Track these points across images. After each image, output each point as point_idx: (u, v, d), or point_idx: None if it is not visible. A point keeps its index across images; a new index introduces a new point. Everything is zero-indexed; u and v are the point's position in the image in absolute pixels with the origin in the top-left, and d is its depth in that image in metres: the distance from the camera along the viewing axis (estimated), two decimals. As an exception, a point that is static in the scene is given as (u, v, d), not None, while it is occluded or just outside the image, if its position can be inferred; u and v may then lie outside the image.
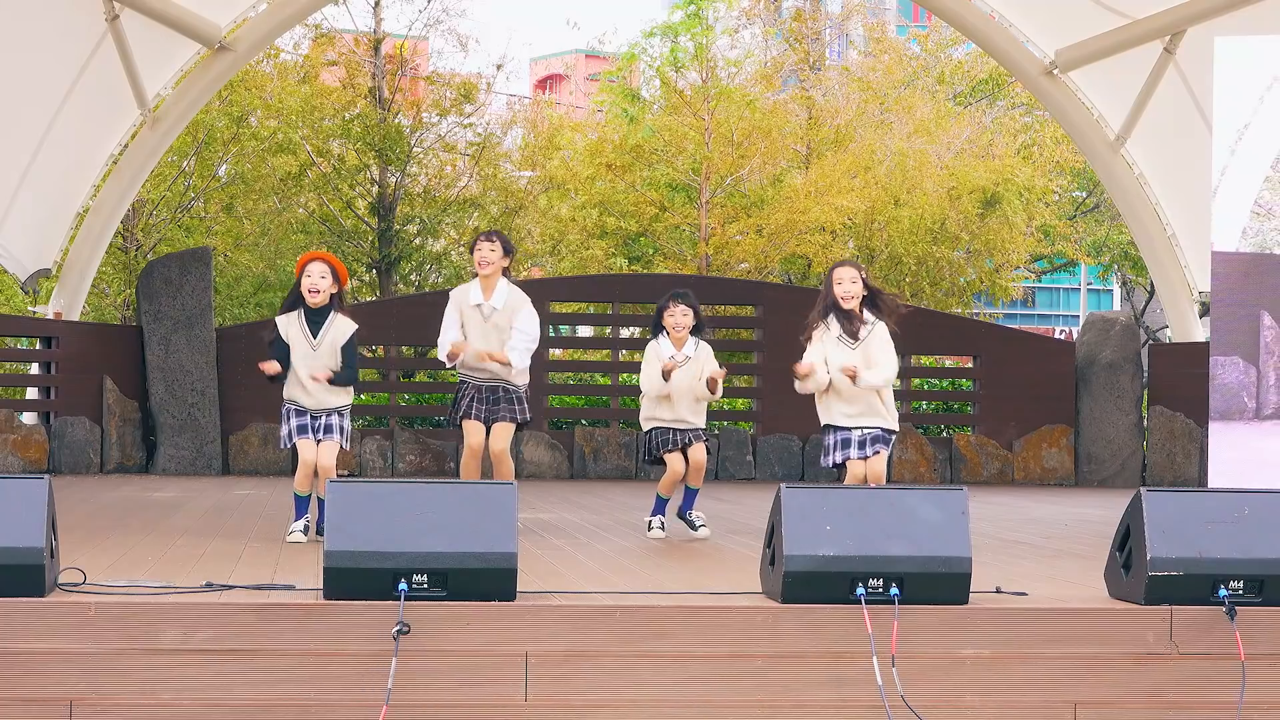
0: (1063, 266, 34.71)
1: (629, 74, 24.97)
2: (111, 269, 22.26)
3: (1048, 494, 15.59)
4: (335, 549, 6.06)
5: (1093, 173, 24.37)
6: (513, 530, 6.20)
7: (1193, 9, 15.45)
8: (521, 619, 6.10)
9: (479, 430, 9.34)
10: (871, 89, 26.37)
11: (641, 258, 24.12)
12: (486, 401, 9.36)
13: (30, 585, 5.96)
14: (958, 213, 24.62)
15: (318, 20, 23.94)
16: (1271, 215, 11.21)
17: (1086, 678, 6.27)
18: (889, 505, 6.38)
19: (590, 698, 6.08)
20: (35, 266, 16.95)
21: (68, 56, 15.73)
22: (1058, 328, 69.47)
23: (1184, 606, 6.34)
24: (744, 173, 23.38)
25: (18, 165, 15.91)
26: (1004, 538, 10.05)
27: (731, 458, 16.86)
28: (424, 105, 24.32)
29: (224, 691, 5.93)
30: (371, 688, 5.95)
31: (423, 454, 16.55)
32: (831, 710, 6.17)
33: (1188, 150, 15.97)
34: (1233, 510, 6.43)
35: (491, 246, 9.25)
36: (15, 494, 6.02)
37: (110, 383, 15.92)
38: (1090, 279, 53.47)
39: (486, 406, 9.36)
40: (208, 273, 16.16)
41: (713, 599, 6.42)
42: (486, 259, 9.21)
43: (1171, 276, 17.44)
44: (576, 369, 19.38)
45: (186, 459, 15.88)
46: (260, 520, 10.32)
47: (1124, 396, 17.21)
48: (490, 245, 9.26)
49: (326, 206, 23.82)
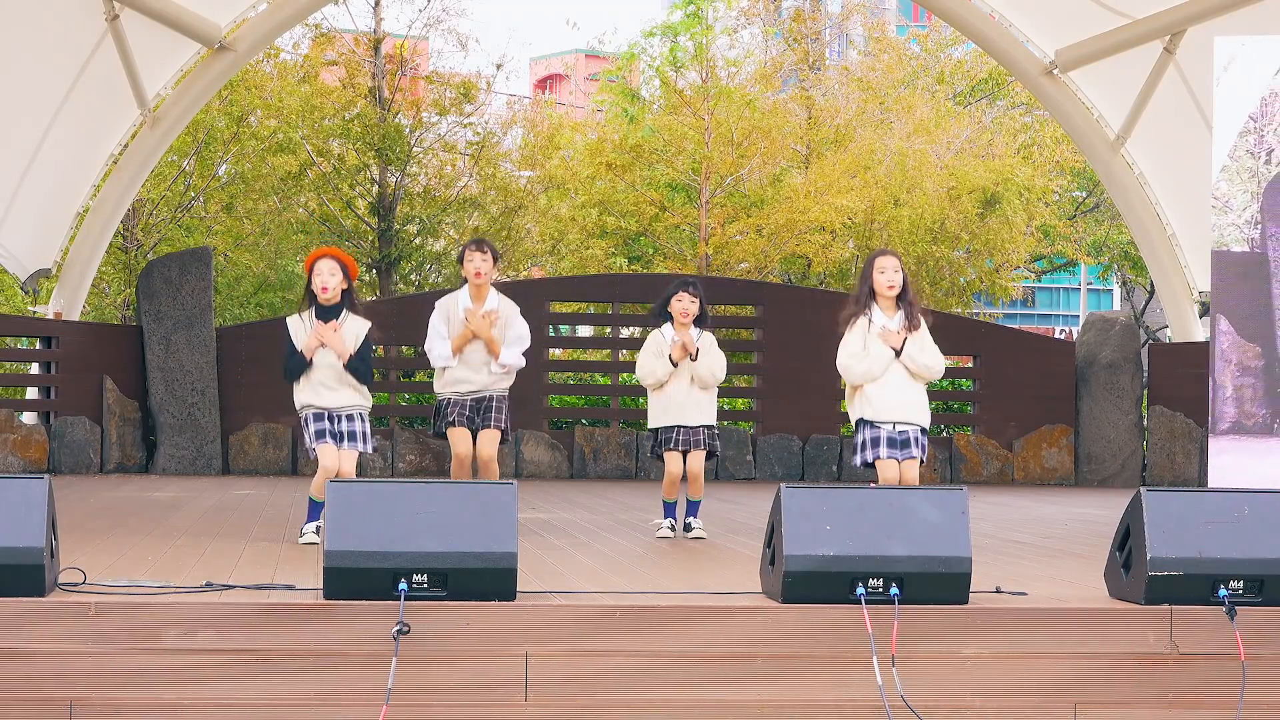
0: (1063, 266, 34.71)
1: (629, 74, 24.97)
2: (111, 269, 22.26)
3: (1048, 494, 15.59)
4: (335, 549, 6.06)
5: (1093, 173, 24.38)
6: (513, 530, 6.20)
7: (1193, 9, 15.45)
8: (521, 619, 6.10)
9: (466, 438, 9.29)
10: (871, 89, 26.37)
11: (641, 258, 24.12)
12: (471, 410, 9.31)
13: (30, 585, 5.96)
14: (957, 212, 24.62)
15: (318, 20, 23.94)
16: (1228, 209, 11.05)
17: (1086, 678, 6.27)
18: (889, 505, 6.38)
19: (590, 698, 6.08)
20: (35, 266, 16.96)
21: (68, 56, 15.73)
22: (1058, 328, 69.48)
23: (1184, 606, 6.34)
24: (744, 172, 23.38)
25: (18, 165, 15.92)
26: (1004, 538, 10.05)
27: (731, 458, 16.85)
28: (424, 105, 24.32)
29: (224, 691, 5.93)
30: (371, 688, 5.95)
31: (423, 454, 16.55)
32: (832, 710, 6.17)
33: (1188, 150, 15.97)
34: (1233, 510, 6.43)
35: (484, 257, 9.25)
36: (15, 494, 6.02)
37: (110, 382, 15.92)
38: (1090, 279, 53.46)
39: (470, 415, 9.30)
40: (208, 273, 16.16)
41: (713, 599, 6.42)
42: (480, 269, 9.22)
43: (1171, 276, 17.44)
44: (576, 369, 19.38)
45: (186, 459, 15.88)
46: (260, 520, 10.33)
47: (1124, 396, 17.22)
48: (482, 256, 9.25)
49: (326, 206, 23.81)
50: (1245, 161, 11.07)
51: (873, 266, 8.65)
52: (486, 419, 9.29)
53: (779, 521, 6.34)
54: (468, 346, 9.23)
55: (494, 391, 9.31)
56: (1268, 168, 11.00)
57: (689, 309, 9.41)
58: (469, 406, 9.29)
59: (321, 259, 8.61)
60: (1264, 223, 10.92)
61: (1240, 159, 10.99)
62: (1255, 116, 11.07)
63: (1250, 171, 10.98)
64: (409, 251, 24.12)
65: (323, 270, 8.55)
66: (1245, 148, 11.13)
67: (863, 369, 8.54)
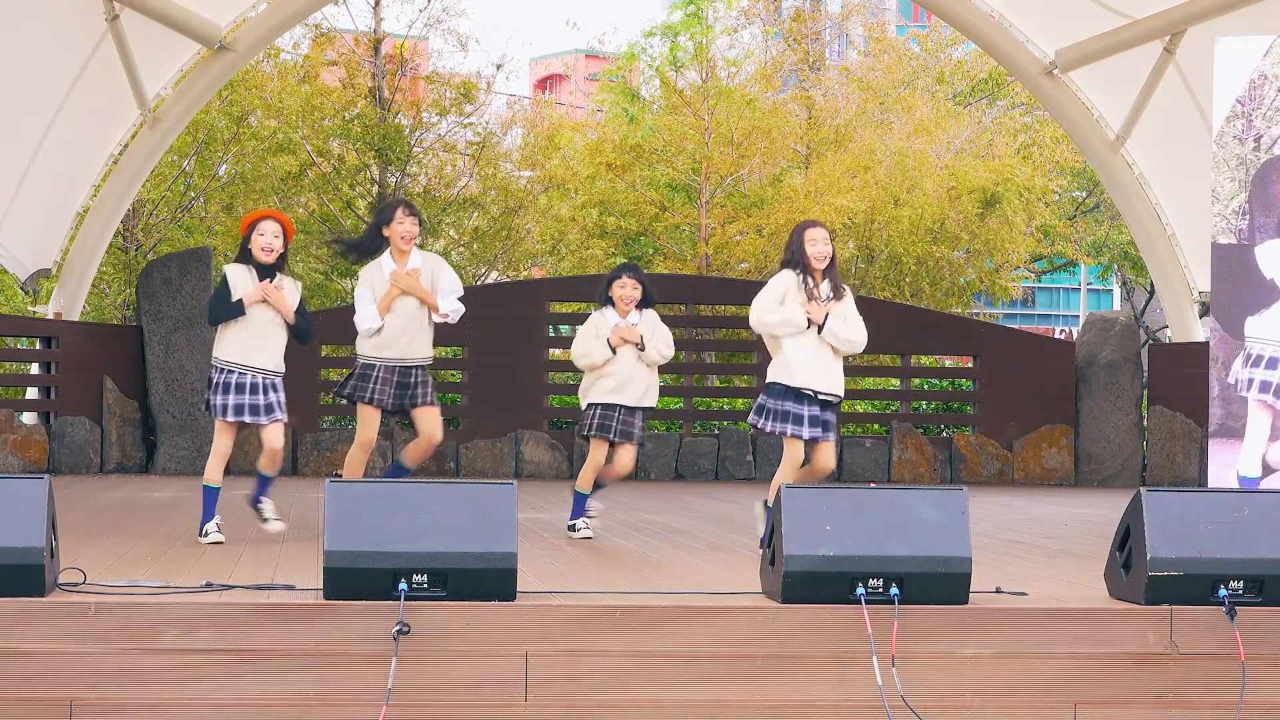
0: (1063, 266, 34.71)
1: (629, 74, 24.98)
2: (111, 269, 22.26)
3: (1048, 494, 15.58)
4: (335, 549, 6.06)
5: (1093, 173, 24.38)
6: (513, 530, 6.20)
7: (1193, 9, 15.45)
8: (521, 619, 6.10)
9: (375, 421, 8.91)
10: (871, 89, 26.38)
11: (641, 258, 24.12)
12: (399, 385, 8.94)
13: (30, 585, 5.96)
14: (957, 212, 24.62)
15: (318, 20, 23.95)
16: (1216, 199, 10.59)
17: (1086, 678, 6.27)
18: (889, 505, 6.38)
19: (590, 698, 6.08)
20: (35, 266, 16.95)
21: (68, 56, 15.72)
22: (1058, 328, 69.45)
23: (1184, 606, 6.34)
24: (744, 172, 23.39)
25: (18, 165, 15.91)
26: (1004, 538, 10.05)
27: (731, 458, 16.85)
28: (424, 105, 24.33)
29: (224, 691, 5.93)
30: (371, 688, 5.95)
31: (423, 454, 16.54)
32: (831, 710, 6.17)
33: (1188, 150, 15.97)
34: (1233, 510, 6.43)
35: (414, 221, 8.99)
36: (15, 494, 6.02)
37: (110, 383, 15.92)
38: (1090, 279, 53.43)
39: (395, 391, 8.92)
40: (208, 273, 16.16)
41: (713, 599, 6.42)
42: (410, 233, 8.95)
43: (1171, 276, 17.43)
44: (576, 369, 19.36)
45: (186, 459, 15.88)
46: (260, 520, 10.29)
47: (1124, 396, 17.21)
48: (413, 220, 8.99)
49: (326, 206, 23.82)
50: (1233, 148, 10.60)
51: (803, 237, 8.44)
52: (421, 396, 8.95)
53: (779, 521, 6.34)
54: (396, 304, 8.88)
55: (421, 361, 8.96)
56: (1256, 155, 10.56)
57: (631, 295, 9.34)
58: (396, 378, 8.89)
59: (265, 220, 8.50)
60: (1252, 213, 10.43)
61: (1228, 145, 10.48)
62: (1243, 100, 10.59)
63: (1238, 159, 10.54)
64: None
65: (267, 232, 8.45)
66: (1233, 133, 10.69)
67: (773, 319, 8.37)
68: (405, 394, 8.94)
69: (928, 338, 17.48)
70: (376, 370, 8.90)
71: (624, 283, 9.39)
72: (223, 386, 8.41)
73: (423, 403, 8.97)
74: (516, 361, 16.78)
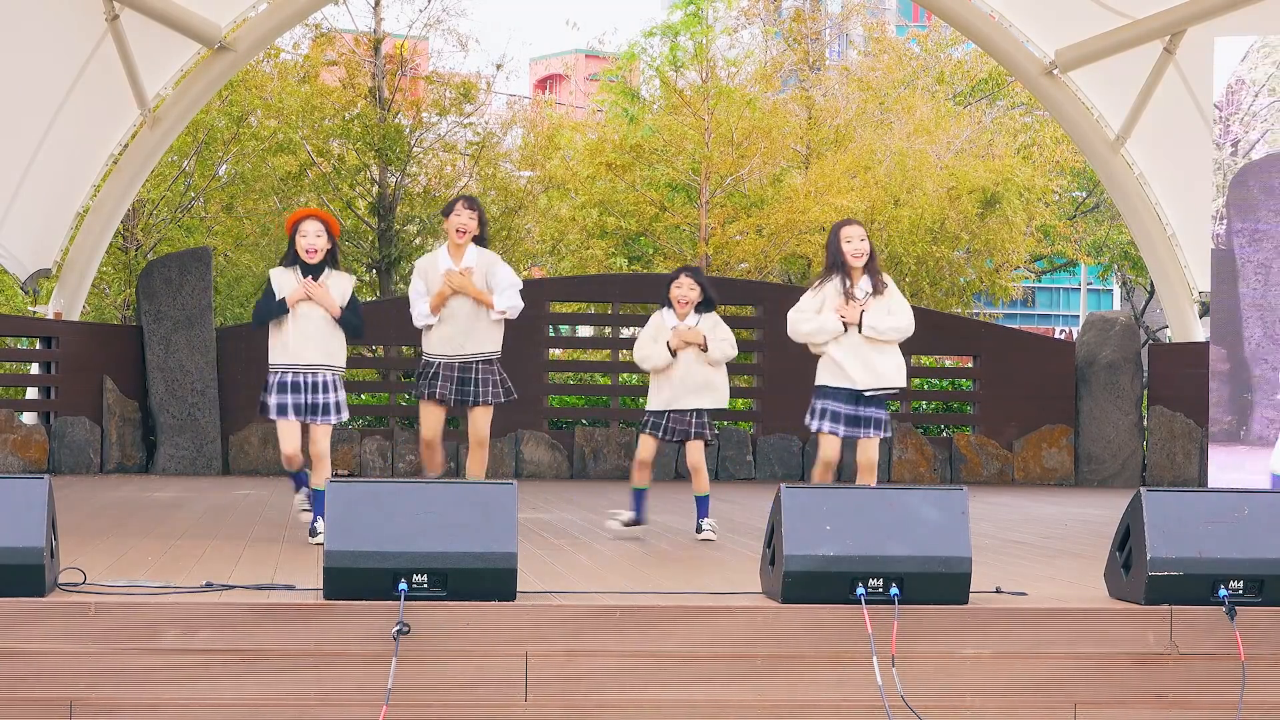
0: (1063, 266, 34.72)
1: (629, 74, 24.98)
2: (111, 269, 22.27)
3: (1048, 494, 15.58)
4: (335, 549, 6.06)
5: (1093, 173, 24.37)
6: (513, 530, 6.20)
7: (1193, 9, 15.45)
8: (521, 619, 6.10)
9: (437, 417, 8.95)
10: (871, 89, 26.38)
11: (641, 257, 24.13)
12: (459, 380, 8.98)
13: (30, 585, 5.96)
14: (957, 212, 24.62)
15: (318, 20, 23.95)
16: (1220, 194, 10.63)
17: (1086, 678, 6.27)
18: (889, 505, 6.38)
19: (590, 698, 6.08)
20: (35, 266, 16.95)
21: (68, 56, 15.72)
22: (1058, 328, 69.46)
23: (1184, 606, 6.34)
24: (744, 172, 23.38)
25: (18, 165, 15.91)
26: (1004, 538, 10.05)
27: (731, 458, 16.85)
28: (424, 105, 24.33)
29: (224, 691, 5.93)
30: (371, 688, 5.95)
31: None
32: (831, 710, 6.17)
33: (1188, 150, 15.97)
34: (1233, 510, 6.42)
35: (471, 215, 8.96)
36: (15, 494, 6.02)
37: (110, 383, 15.92)
38: (1090, 279, 53.43)
39: (456, 387, 8.97)
40: (208, 273, 16.16)
41: (713, 599, 6.42)
42: (465, 226, 8.92)
43: (1171, 276, 17.43)
44: (576, 369, 19.36)
45: (186, 459, 15.88)
46: (260, 520, 10.32)
47: (1124, 396, 17.21)
48: (470, 213, 8.96)
49: (327, 206, 23.82)
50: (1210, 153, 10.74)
51: (839, 236, 8.56)
52: (478, 393, 8.96)
53: (779, 521, 6.34)
54: (452, 301, 8.92)
55: (482, 356, 8.99)
56: (1234, 159, 10.50)
57: (687, 295, 9.28)
58: (456, 374, 8.93)
59: (306, 220, 8.49)
60: (1229, 218, 10.40)
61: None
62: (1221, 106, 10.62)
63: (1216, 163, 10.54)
64: (409, 251, 24.13)
65: (309, 232, 8.45)
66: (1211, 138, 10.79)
67: (808, 329, 8.48)
68: (465, 390, 9.00)
69: (928, 338, 17.46)
70: (435, 367, 8.98)
71: (681, 283, 9.32)
72: (276, 386, 8.49)
73: (477, 401, 8.99)
74: (516, 361, 16.74)
